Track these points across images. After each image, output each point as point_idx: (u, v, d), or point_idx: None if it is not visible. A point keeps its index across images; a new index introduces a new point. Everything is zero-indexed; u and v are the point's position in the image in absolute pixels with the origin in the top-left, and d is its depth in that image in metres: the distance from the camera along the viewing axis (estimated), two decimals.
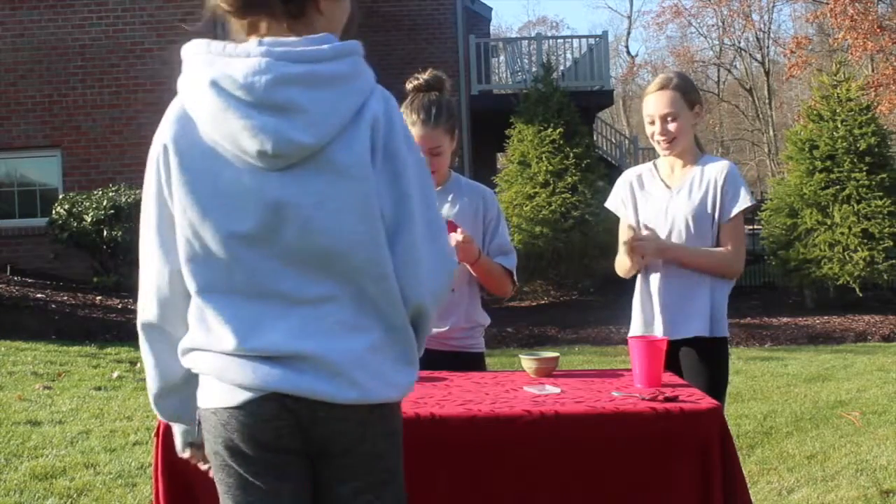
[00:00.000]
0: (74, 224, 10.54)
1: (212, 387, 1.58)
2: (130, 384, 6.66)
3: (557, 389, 2.36)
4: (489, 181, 12.01)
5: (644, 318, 2.97)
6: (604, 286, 12.41)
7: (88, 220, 10.44)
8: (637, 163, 11.55)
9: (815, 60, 25.91)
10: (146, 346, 1.67)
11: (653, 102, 2.93)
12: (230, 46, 1.53)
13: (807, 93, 20.68)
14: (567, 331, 10.43)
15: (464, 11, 16.30)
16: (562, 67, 17.36)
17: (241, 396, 1.54)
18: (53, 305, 9.83)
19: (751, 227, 14.93)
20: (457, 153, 3.01)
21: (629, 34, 41.79)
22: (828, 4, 23.72)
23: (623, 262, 3.02)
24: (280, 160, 1.51)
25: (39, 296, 10.14)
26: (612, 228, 3.30)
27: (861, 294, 11.49)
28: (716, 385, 2.81)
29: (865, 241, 11.31)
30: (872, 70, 24.36)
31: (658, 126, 2.91)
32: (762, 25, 35.33)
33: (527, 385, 2.43)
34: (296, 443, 1.57)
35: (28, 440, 4.98)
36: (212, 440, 1.60)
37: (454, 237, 2.67)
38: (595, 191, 12.31)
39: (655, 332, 2.92)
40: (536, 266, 12.32)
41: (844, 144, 11.60)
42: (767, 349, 9.42)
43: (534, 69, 16.18)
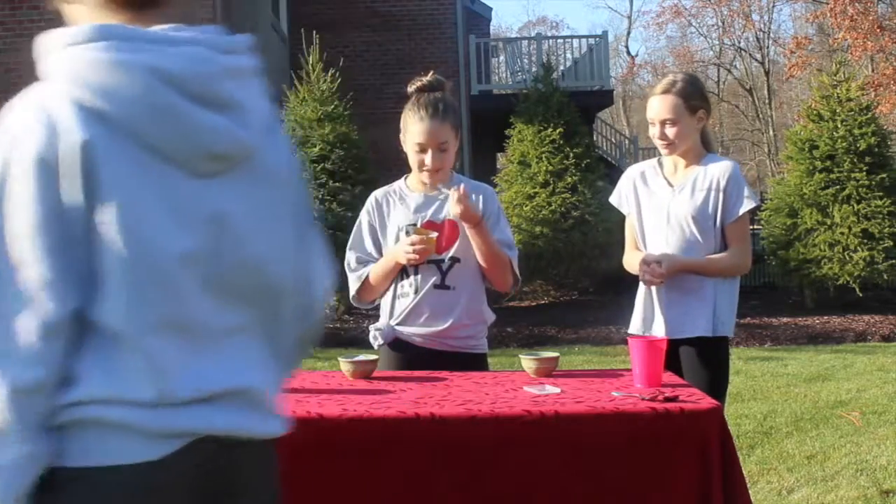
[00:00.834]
0: None
1: (116, 439, 1.24)
2: None
3: (557, 389, 2.36)
4: (489, 181, 11.99)
5: (644, 316, 2.99)
6: (604, 286, 12.41)
7: None
8: (637, 162, 11.54)
9: (815, 60, 25.89)
10: (19, 426, 1.18)
11: (654, 106, 2.98)
12: (158, 32, 1.28)
13: (807, 93, 20.65)
14: (567, 331, 10.43)
15: (464, 11, 16.27)
16: (562, 67, 17.35)
17: (166, 446, 1.27)
18: None
19: (751, 227, 14.92)
20: (458, 154, 3.02)
21: (629, 34, 41.73)
22: (828, 4, 23.72)
23: (633, 263, 3.05)
24: (225, 163, 1.31)
25: None
26: (612, 228, 3.30)
27: (861, 294, 11.48)
28: (716, 385, 2.81)
29: (865, 241, 11.31)
30: (872, 70, 24.34)
31: (657, 130, 2.96)
32: (762, 25, 35.32)
33: (527, 385, 2.43)
34: (210, 485, 1.34)
35: None
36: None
37: (453, 193, 2.71)
38: (595, 191, 12.30)
39: (656, 331, 2.93)
40: (536, 266, 12.30)
41: (844, 144, 11.59)
42: (767, 349, 9.41)
43: (534, 69, 16.16)
